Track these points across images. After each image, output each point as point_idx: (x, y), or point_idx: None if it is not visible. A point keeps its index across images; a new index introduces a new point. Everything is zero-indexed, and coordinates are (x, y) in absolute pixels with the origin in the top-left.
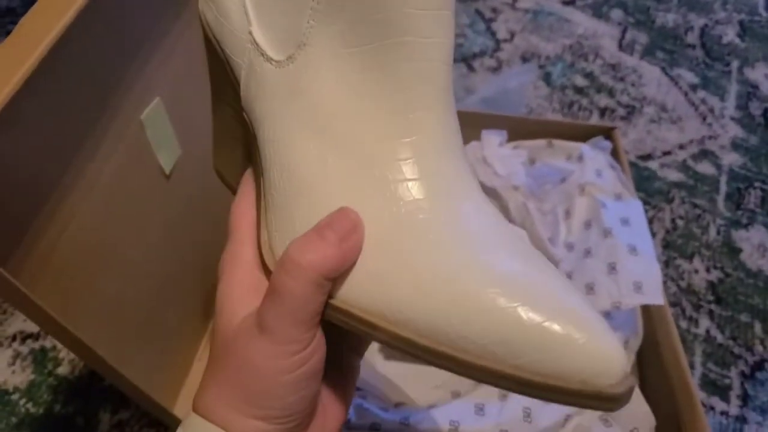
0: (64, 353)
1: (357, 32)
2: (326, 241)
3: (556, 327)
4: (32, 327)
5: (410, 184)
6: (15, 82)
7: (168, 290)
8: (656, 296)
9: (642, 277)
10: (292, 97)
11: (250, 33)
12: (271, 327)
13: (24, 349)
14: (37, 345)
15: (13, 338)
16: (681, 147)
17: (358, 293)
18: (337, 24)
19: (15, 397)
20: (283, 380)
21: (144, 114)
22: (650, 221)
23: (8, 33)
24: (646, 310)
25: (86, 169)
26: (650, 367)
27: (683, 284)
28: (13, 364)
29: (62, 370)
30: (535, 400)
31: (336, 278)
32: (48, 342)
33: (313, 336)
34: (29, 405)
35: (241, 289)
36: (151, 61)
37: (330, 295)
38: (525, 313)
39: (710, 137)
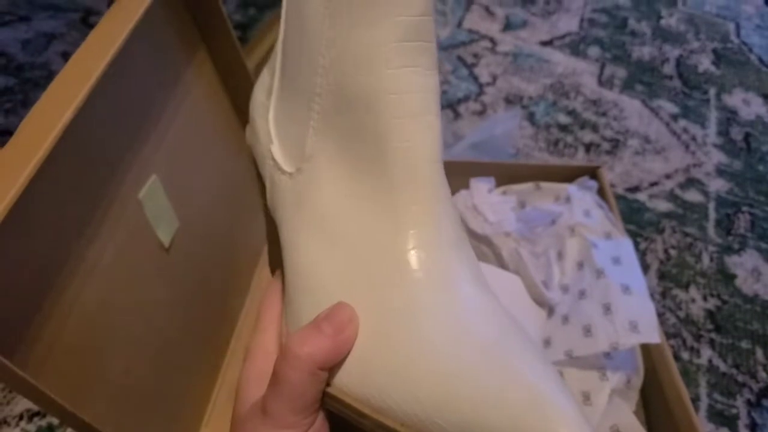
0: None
1: (351, 144)
2: (322, 334)
3: (530, 420)
4: None
5: (404, 276)
6: (19, 186)
7: (173, 360)
8: (652, 335)
9: (637, 316)
10: (301, 204)
11: (270, 150)
12: (272, 412)
13: (31, 428)
14: (44, 422)
15: (20, 417)
16: (667, 177)
17: (348, 381)
18: (334, 138)
19: None
20: None
21: (142, 193)
22: (643, 253)
23: (6, 111)
24: (645, 347)
25: (87, 253)
26: (654, 404)
27: (681, 314)
28: None
29: None
30: None
31: (332, 368)
32: (55, 419)
33: (312, 421)
34: None
35: (257, 375)
36: (147, 142)
37: (327, 383)
38: (501, 405)
39: (695, 165)
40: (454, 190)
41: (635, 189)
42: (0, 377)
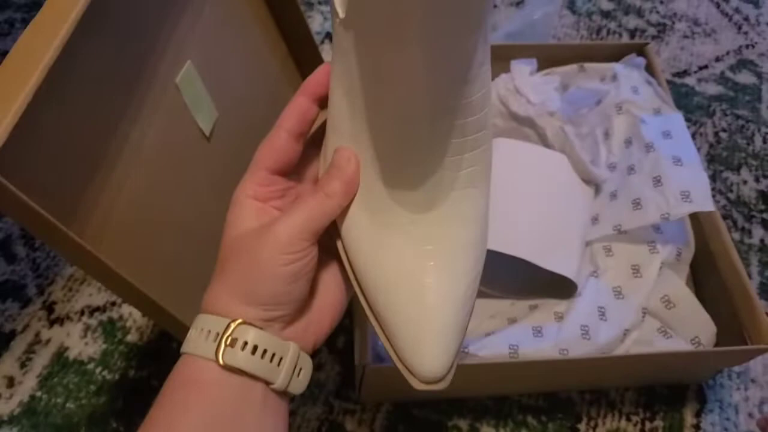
0: (131, 322)
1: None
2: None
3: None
4: (98, 300)
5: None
6: (49, 57)
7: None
8: (706, 203)
9: (689, 186)
10: (344, 53)
11: None
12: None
13: (93, 322)
14: (105, 317)
15: (82, 312)
16: (717, 59)
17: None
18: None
19: (91, 366)
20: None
21: (179, 78)
22: (693, 137)
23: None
24: (697, 221)
25: (130, 134)
26: (706, 276)
27: (732, 196)
28: (85, 336)
29: (131, 337)
30: (592, 319)
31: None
32: (114, 313)
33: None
34: (105, 372)
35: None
36: (179, 25)
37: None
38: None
39: (747, 46)
40: (494, 75)
41: (683, 73)
42: (60, 247)
